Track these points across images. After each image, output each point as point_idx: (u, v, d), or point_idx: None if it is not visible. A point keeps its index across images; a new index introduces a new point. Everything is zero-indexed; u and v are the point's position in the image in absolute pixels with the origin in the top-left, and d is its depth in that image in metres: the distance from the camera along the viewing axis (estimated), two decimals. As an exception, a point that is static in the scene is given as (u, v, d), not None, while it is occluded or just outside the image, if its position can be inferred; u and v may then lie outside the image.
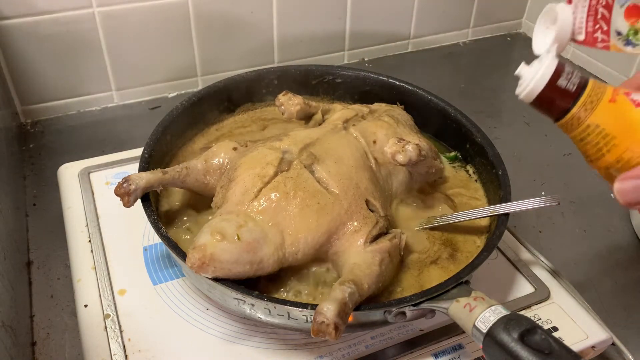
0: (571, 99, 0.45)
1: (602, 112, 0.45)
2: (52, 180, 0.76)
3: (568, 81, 0.45)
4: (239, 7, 0.95)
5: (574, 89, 0.45)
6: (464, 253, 0.61)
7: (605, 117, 0.44)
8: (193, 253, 0.49)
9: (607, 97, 0.45)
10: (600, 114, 0.45)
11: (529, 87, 0.46)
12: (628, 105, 0.44)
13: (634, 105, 0.43)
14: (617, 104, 0.44)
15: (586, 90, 0.45)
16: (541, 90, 0.45)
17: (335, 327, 0.45)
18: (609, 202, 0.81)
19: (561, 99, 0.45)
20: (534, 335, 0.44)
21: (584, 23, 0.49)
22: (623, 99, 0.44)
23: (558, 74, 0.45)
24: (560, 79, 0.45)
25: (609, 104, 0.44)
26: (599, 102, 0.45)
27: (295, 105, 0.69)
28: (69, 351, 0.59)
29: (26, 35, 0.84)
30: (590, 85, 0.45)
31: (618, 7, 0.49)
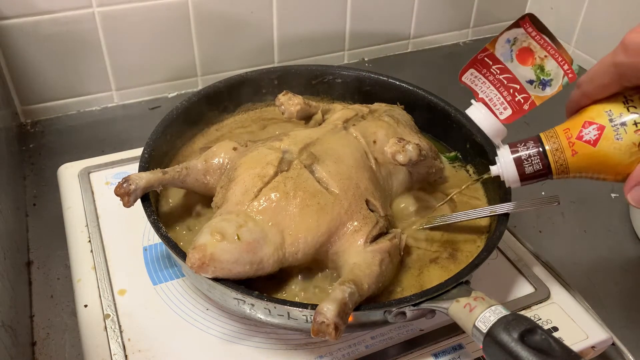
0: (545, 172, 0.49)
1: (575, 165, 0.48)
2: (52, 180, 0.76)
3: (532, 167, 0.50)
4: (239, 7, 0.95)
5: (541, 166, 0.49)
6: (464, 253, 0.61)
7: (580, 167, 0.48)
8: (193, 253, 0.49)
9: (569, 154, 0.48)
10: (575, 167, 0.48)
11: (511, 184, 0.51)
12: (588, 149, 0.47)
13: (591, 145, 0.46)
14: (580, 154, 0.47)
15: (550, 159, 0.49)
16: (520, 183, 0.51)
17: (335, 327, 0.45)
18: (609, 202, 0.81)
19: (539, 176, 0.50)
20: (534, 335, 0.44)
21: (501, 99, 0.53)
22: (581, 146, 0.47)
23: (521, 168, 0.50)
24: (526, 169, 0.50)
25: (573, 158, 0.48)
26: (567, 161, 0.48)
27: (295, 105, 0.69)
28: (69, 351, 0.59)
29: (26, 35, 0.84)
30: (550, 154, 0.49)
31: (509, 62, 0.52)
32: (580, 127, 0.47)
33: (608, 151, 0.45)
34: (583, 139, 0.46)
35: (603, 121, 0.46)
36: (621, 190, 0.83)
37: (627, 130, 0.44)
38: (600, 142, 0.46)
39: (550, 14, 1.17)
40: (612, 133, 0.45)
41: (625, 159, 0.45)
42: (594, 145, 0.46)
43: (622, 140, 0.45)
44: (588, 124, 0.46)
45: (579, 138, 0.47)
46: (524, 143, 0.51)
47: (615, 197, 0.82)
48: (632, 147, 0.44)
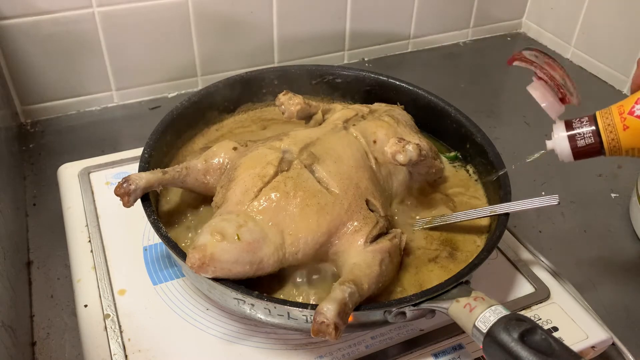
0: (598, 147, 0.51)
1: (626, 140, 0.49)
2: (52, 180, 0.76)
3: (584, 140, 0.51)
4: (239, 7, 0.95)
5: (593, 141, 0.51)
6: (464, 253, 0.61)
7: (631, 141, 0.49)
8: (193, 253, 0.49)
9: (620, 128, 0.49)
10: (626, 141, 0.49)
11: (564, 158, 0.53)
12: (637, 123, 0.48)
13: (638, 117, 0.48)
14: (632, 128, 0.49)
15: (602, 136, 0.50)
16: (573, 157, 0.52)
17: (335, 327, 0.45)
18: (609, 202, 0.81)
19: (592, 151, 0.51)
20: (534, 335, 0.44)
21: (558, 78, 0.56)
22: (632, 121, 0.48)
23: (574, 142, 0.51)
24: (578, 143, 0.51)
25: (624, 132, 0.49)
26: (618, 135, 0.49)
27: (295, 105, 0.69)
28: (69, 351, 0.59)
29: (26, 35, 0.84)
30: (602, 128, 0.50)
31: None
32: (633, 103, 0.49)
33: None
34: (634, 114, 0.48)
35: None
36: (621, 190, 0.83)
37: None
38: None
39: (550, 14, 1.17)
40: None
41: None
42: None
43: None
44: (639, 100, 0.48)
45: (630, 113, 0.48)
46: (579, 119, 0.52)
47: (615, 197, 0.82)
48: None
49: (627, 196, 0.81)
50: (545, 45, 1.19)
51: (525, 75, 0.58)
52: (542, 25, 1.19)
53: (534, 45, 1.20)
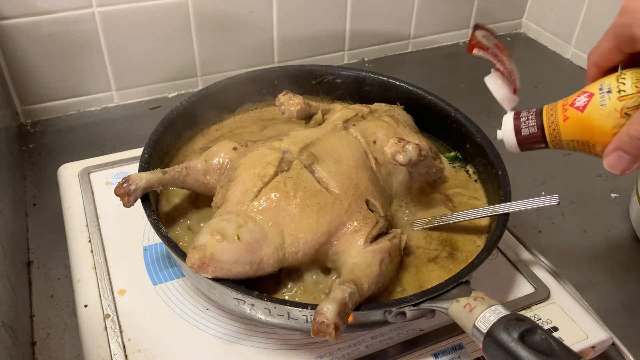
0: (540, 138, 0.52)
1: (566, 131, 0.50)
2: (52, 180, 0.76)
3: (528, 129, 0.52)
4: (239, 7, 0.95)
5: (536, 130, 0.52)
6: (464, 253, 0.61)
7: (570, 132, 0.50)
8: (193, 253, 0.49)
9: (561, 119, 0.50)
10: (566, 133, 0.50)
11: (511, 148, 0.54)
12: (577, 114, 0.49)
13: (580, 110, 0.49)
14: (570, 119, 0.49)
15: (545, 125, 0.51)
16: (518, 147, 0.53)
17: (335, 327, 0.45)
18: (609, 202, 0.81)
19: (535, 141, 0.52)
20: (534, 335, 0.44)
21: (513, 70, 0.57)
22: (572, 112, 0.49)
23: (518, 130, 0.53)
24: (523, 132, 0.52)
25: (564, 123, 0.50)
26: (559, 126, 0.50)
27: (295, 105, 0.69)
28: (69, 351, 0.59)
29: (26, 35, 0.84)
30: (545, 118, 0.51)
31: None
32: (576, 96, 0.50)
33: (593, 116, 0.47)
34: (574, 106, 0.49)
35: (594, 90, 0.48)
36: (621, 190, 0.83)
37: (611, 97, 0.47)
38: (587, 108, 0.48)
39: (550, 14, 1.17)
40: (598, 99, 0.47)
41: (608, 124, 0.47)
42: (582, 111, 0.48)
43: (605, 106, 0.47)
44: (582, 93, 0.49)
45: (571, 105, 0.49)
46: (527, 110, 0.53)
47: (615, 197, 0.82)
48: (614, 113, 0.46)
49: (627, 196, 0.81)
50: (545, 46, 1.19)
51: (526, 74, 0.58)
52: (542, 25, 1.19)
53: (532, 45, 1.20)
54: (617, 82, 0.47)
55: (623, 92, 0.46)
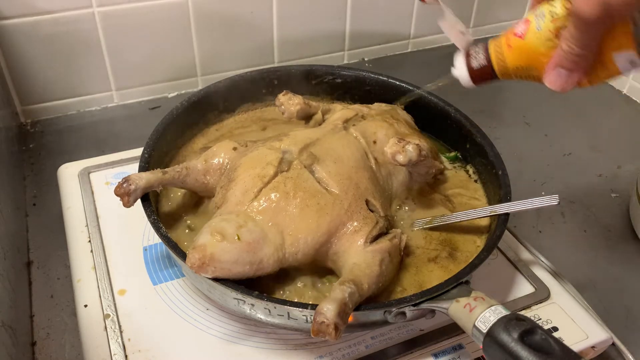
0: (489, 68, 0.55)
1: (511, 59, 0.53)
2: (52, 180, 0.76)
3: (477, 61, 0.55)
4: (239, 7, 0.95)
5: (485, 62, 0.55)
6: (464, 253, 0.61)
7: (515, 59, 0.53)
8: (193, 253, 0.49)
9: (505, 48, 0.53)
10: (511, 60, 0.53)
11: (464, 82, 0.57)
12: (519, 41, 0.52)
13: (521, 38, 0.52)
14: (513, 47, 0.52)
15: (492, 57, 0.54)
16: (471, 80, 0.56)
17: (335, 327, 0.45)
18: (609, 202, 0.81)
19: (485, 73, 0.55)
20: (534, 335, 0.44)
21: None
22: (514, 40, 0.52)
23: (469, 65, 0.56)
24: (473, 65, 0.55)
25: (509, 51, 0.53)
26: (504, 55, 0.53)
27: (295, 105, 0.69)
28: (69, 351, 0.59)
29: (26, 35, 0.84)
30: (492, 50, 0.54)
31: None
32: (517, 25, 0.52)
33: (532, 40, 0.51)
34: (516, 34, 0.52)
35: (530, 17, 0.51)
36: (621, 190, 0.83)
37: (545, 20, 0.50)
38: (526, 34, 0.51)
39: (550, 14, 1.16)
40: (535, 25, 0.50)
41: (545, 46, 0.50)
42: (523, 38, 0.51)
43: (541, 30, 0.50)
44: (522, 21, 0.52)
45: (512, 34, 0.52)
46: (476, 45, 0.56)
47: (615, 197, 0.82)
48: (549, 34, 0.49)
49: (627, 196, 0.81)
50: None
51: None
52: (542, 25, 1.19)
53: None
54: (549, 6, 0.49)
55: (555, 14, 0.49)
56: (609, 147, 0.92)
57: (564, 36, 0.48)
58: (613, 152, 0.90)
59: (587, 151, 0.91)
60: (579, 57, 0.48)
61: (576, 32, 0.46)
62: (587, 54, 0.47)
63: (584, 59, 0.48)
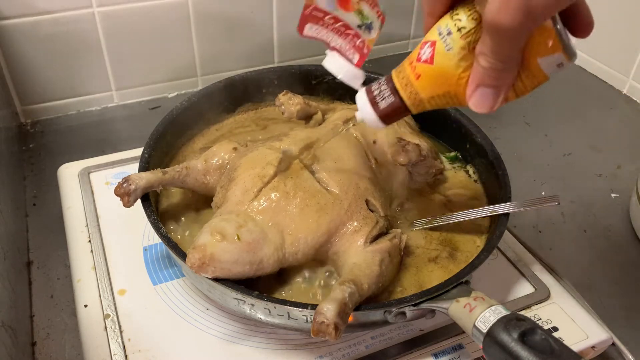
0: (399, 104, 0.48)
1: (423, 88, 0.47)
2: (52, 180, 0.76)
3: (384, 100, 0.49)
4: (239, 7, 0.95)
5: (393, 99, 0.48)
6: (464, 253, 0.61)
7: (427, 88, 0.47)
8: (193, 253, 0.49)
9: (414, 79, 0.47)
10: (423, 90, 0.47)
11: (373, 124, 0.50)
12: (428, 68, 0.46)
13: (429, 63, 0.46)
14: (423, 75, 0.46)
15: (400, 91, 0.48)
16: (381, 121, 0.49)
17: (335, 327, 0.45)
18: (609, 202, 0.81)
19: (396, 110, 0.49)
20: (534, 335, 0.44)
21: (346, 45, 0.54)
22: (421, 68, 0.46)
23: (375, 104, 0.49)
24: (380, 105, 0.49)
25: (418, 81, 0.47)
26: (414, 86, 0.47)
27: (295, 105, 0.69)
28: (69, 351, 0.59)
29: (26, 35, 0.84)
30: (398, 84, 0.48)
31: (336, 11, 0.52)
32: (419, 49, 0.47)
33: (444, 64, 0.45)
34: (421, 60, 0.46)
35: (434, 37, 0.45)
36: (621, 190, 0.83)
37: (453, 38, 0.44)
38: (435, 58, 0.45)
39: (550, 14, 1.16)
40: (442, 46, 0.45)
41: (460, 66, 0.44)
42: (432, 63, 0.45)
43: (452, 50, 0.44)
44: (424, 44, 0.46)
45: (418, 60, 0.46)
46: (378, 82, 0.50)
47: (615, 197, 0.82)
48: (462, 52, 0.44)
49: (627, 196, 0.81)
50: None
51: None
52: (542, 25, 1.19)
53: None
54: (452, 21, 0.44)
55: (463, 28, 0.43)
56: (609, 147, 0.92)
57: (479, 51, 0.42)
58: (613, 152, 0.90)
59: (587, 151, 0.91)
60: (502, 72, 0.42)
61: (494, 45, 0.40)
62: (510, 66, 0.42)
63: (508, 72, 0.43)
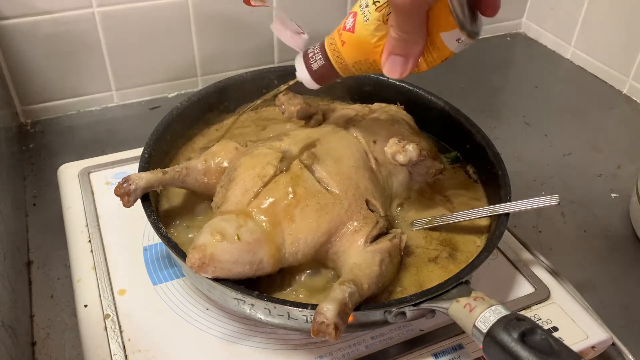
0: (329, 67, 0.55)
1: (348, 55, 0.53)
2: (52, 180, 0.76)
3: (317, 62, 0.56)
4: (238, 7, 0.95)
5: (323, 62, 0.55)
6: (464, 253, 0.61)
7: (352, 55, 0.53)
8: (193, 253, 0.49)
9: (339, 45, 0.53)
10: (348, 56, 0.53)
11: (308, 84, 0.58)
12: (350, 36, 0.52)
13: (351, 32, 0.52)
14: (347, 42, 0.52)
15: (329, 56, 0.54)
16: (314, 81, 0.57)
17: (335, 327, 0.45)
18: (609, 202, 0.81)
19: (327, 73, 0.56)
20: (534, 335, 0.44)
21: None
22: (345, 35, 0.52)
23: (309, 67, 0.56)
24: (313, 66, 0.56)
25: (343, 48, 0.53)
26: (340, 52, 0.53)
27: (295, 105, 0.69)
28: (69, 351, 0.59)
29: (26, 35, 0.84)
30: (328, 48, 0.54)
31: None
32: (345, 19, 0.52)
33: (362, 33, 0.51)
34: (346, 29, 0.52)
35: (356, 9, 0.51)
36: (621, 190, 0.83)
37: (370, 10, 0.50)
38: (356, 27, 0.51)
39: (550, 14, 1.17)
40: (361, 16, 0.50)
41: (375, 36, 0.50)
42: (353, 31, 0.51)
43: (369, 21, 0.50)
44: (349, 15, 0.52)
45: (343, 29, 0.52)
46: (313, 47, 0.56)
47: (615, 197, 0.82)
48: (377, 23, 0.49)
49: (627, 196, 0.81)
50: (545, 46, 1.19)
51: (526, 74, 0.58)
52: (542, 25, 1.19)
53: (532, 45, 1.20)
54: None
55: (377, 2, 0.49)
56: (609, 147, 0.92)
57: (390, 24, 0.48)
58: (613, 152, 0.90)
59: (587, 151, 0.91)
60: (407, 42, 0.48)
61: (398, 18, 0.47)
62: (414, 38, 0.48)
63: (413, 44, 0.48)
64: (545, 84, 1.08)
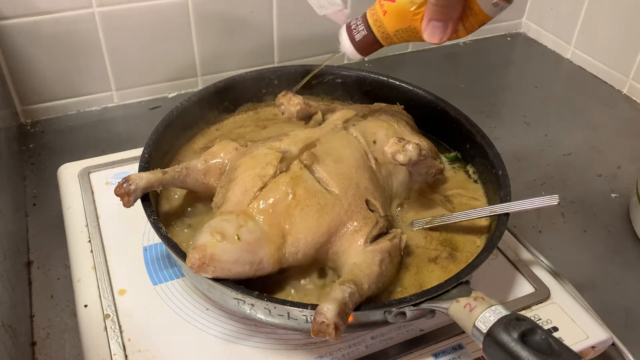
0: (371, 37, 0.58)
1: (389, 24, 0.56)
2: (52, 180, 0.76)
3: (359, 33, 0.59)
4: (239, 7, 0.95)
5: (366, 32, 0.58)
6: (464, 253, 0.61)
7: (393, 24, 0.56)
8: (193, 253, 0.49)
9: (381, 15, 0.57)
10: (390, 25, 0.56)
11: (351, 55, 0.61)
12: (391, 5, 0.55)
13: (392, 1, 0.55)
14: (388, 11, 0.56)
15: (372, 25, 0.57)
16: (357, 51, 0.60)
17: (335, 327, 0.45)
18: (609, 202, 0.81)
19: (369, 42, 0.59)
20: (534, 335, 0.44)
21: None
22: (387, 5, 0.56)
23: (352, 38, 0.59)
24: (356, 37, 0.59)
25: (385, 17, 0.56)
26: (382, 21, 0.57)
27: (295, 105, 0.69)
28: (69, 351, 0.59)
29: (26, 35, 0.84)
30: (370, 19, 0.57)
31: None
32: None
33: (402, 1, 0.54)
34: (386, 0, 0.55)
35: None
36: (621, 190, 0.83)
37: None
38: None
39: (550, 14, 1.17)
40: None
41: (415, 3, 0.53)
42: (394, 1, 0.55)
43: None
44: None
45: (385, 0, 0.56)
46: (355, 19, 0.60)
47: (615, 197, 0.82)
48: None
49: (627, 196, 0.81)
50: (545, 46, 1.19)
51: (526, 74, 0.58)
52: (542, 25, 1.19)
53: (532, 45, 1.20)
54: None
55: None
56: (609, 147, 0.92)
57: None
58: (613, 152, 0.91)
59: (587, 151, 0.91)
60: (446, 8, 0.51)
61: None
62: (452, 3, 0.51)
63: (451, 9, 0.52)
64: (545, 84, 1.08)
